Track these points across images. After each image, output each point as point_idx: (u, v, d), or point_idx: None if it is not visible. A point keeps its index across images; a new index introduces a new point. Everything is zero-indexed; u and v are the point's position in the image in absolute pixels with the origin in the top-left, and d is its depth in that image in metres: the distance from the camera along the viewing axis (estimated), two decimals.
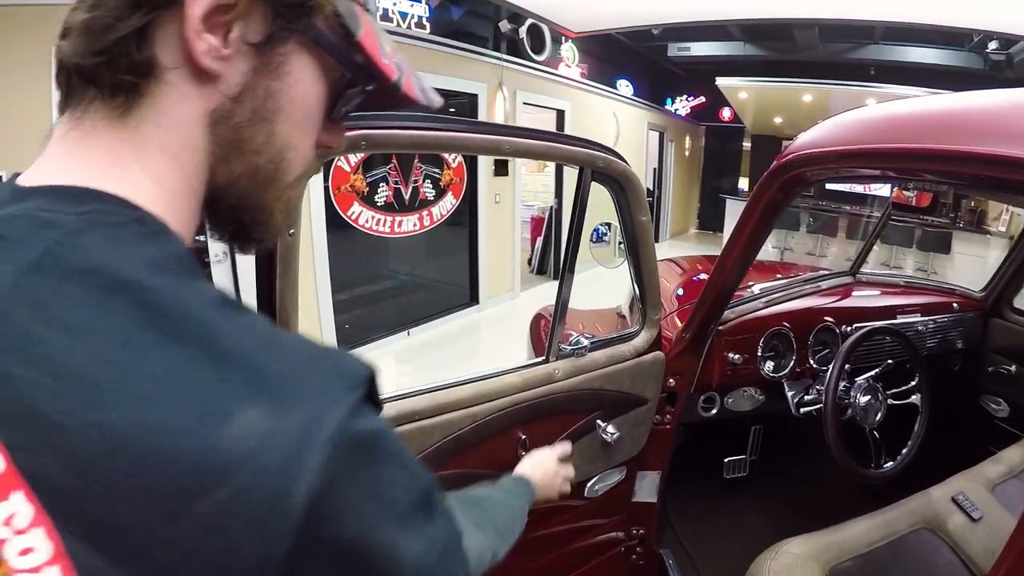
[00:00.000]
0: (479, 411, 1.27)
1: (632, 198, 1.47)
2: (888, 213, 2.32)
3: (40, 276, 0.32)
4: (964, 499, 1.68)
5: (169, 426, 0.30)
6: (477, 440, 1.28)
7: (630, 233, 1.52)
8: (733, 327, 1.84)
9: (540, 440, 1.40)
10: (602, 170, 1.40)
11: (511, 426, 1.37)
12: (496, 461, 1.30)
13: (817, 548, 1.48)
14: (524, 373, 1.40)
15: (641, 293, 1.59)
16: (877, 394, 1.77)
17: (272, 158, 0.44)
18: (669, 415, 1.77)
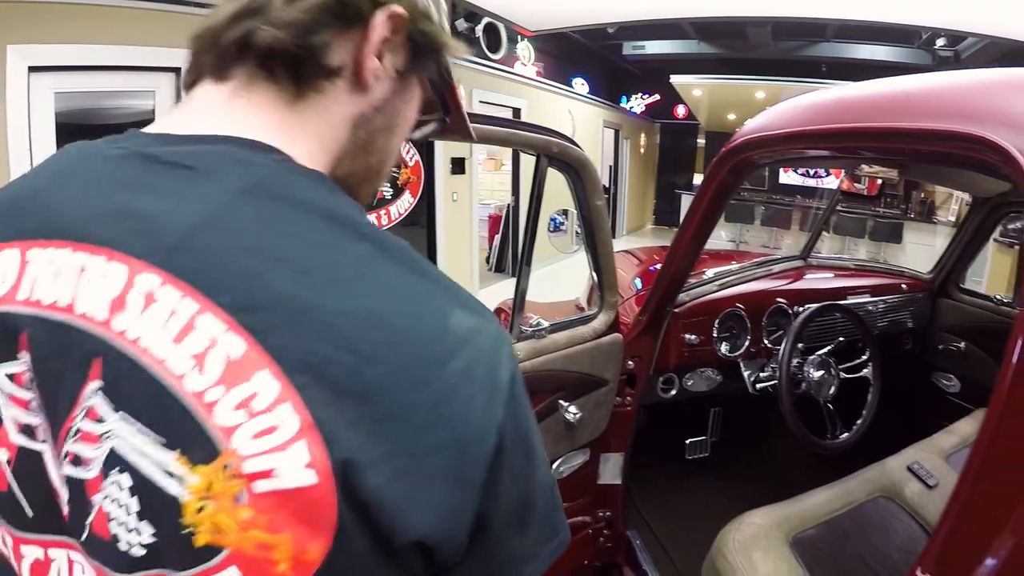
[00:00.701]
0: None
1: (588, 183, 1.48)
2: (837, 198, 2.38)
3: (257, 200, 0.38)
4: (920, 467, 1.72)
5: (411, 311, 0.38)
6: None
7: (586, 218, 1.52)
8: (688, 309, 1.87)
9: None
10: (557, 156, 1.41)
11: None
12: None
13: (779, 518, 1.49)
14: None
15: (598, 276, 1.59)
16: (830, 369, 1.80)
17: (381, 161, 0.52)
18: (629, 397, 1.78)
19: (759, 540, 1.42)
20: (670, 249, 1.62)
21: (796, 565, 1.38)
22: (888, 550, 1.49)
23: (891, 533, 1.55)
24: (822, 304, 1.84)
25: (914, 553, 1.49)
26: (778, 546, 1.42)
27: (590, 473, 1.77)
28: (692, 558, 1.66)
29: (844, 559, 1.45)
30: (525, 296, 1.48)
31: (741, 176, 1.42)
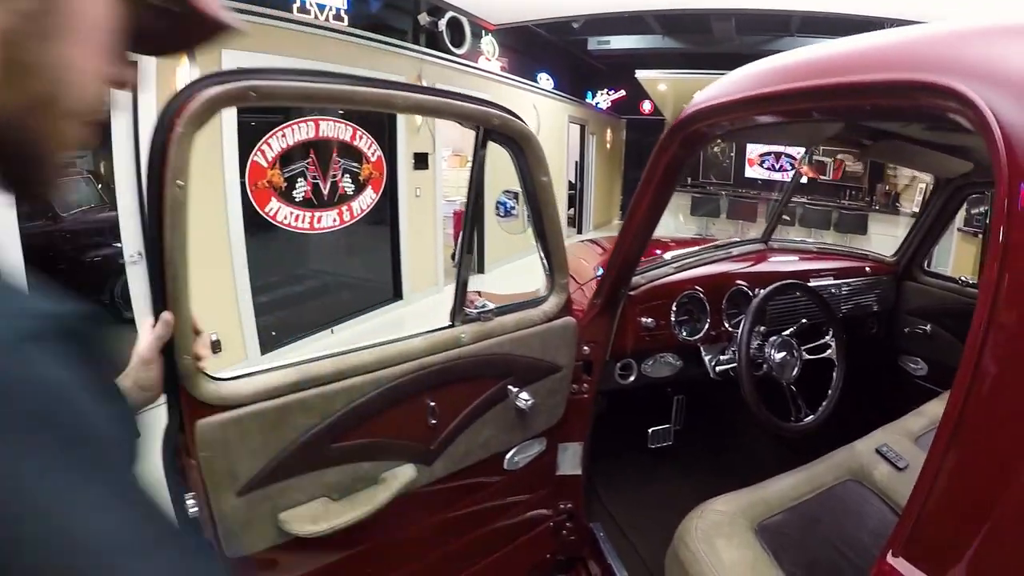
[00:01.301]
0: (383, 376, 1.21)
1: (532, 158, 1.39)
2: (797, 177, 2.31)
3: None
4: (889, 450, 1.66)
5: None
6: (383, 406, 1.21)
7: (532, 195, 1.43)
8: (645, 292, 1.79)
9: (450, 407, 1.33)
10: (498, 129, 1.31)
11: (419, 392, 1.28)
12: (405, 430, 1.26)
13: (744, 505, 1.41)
14: (429, 337, 1.31)
15: (547, 256, 1.50)
16: (792, 350, 1.74)
17: (52, 82, 0.37)
18: (587, 384, 1.70)
19: (722, 528, 1.34)
20: (622, 229, 1.55)
21: (762, 552, 1.30)
22: (858, 534, 1.42)
23: (861, 517, 1.49)
24: (782, 283, 1.77)
25: (885, 536, 1.42)
26: (742, 533, 1.34)
27: (548, 463, 1.70)
28: (657, 549, 1.58)
29: (812, 544, 1.38)
30: (467, 283, 1.38)
31: (693, 148, 1.35)
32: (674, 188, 1.46)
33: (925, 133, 1.74)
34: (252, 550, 1.10)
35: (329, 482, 1.16)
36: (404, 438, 1.27)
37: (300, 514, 1.12)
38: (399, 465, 1.28)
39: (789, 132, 1.84)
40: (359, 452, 1.19)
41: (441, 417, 1.32)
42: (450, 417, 1.35)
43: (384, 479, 1.25)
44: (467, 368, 1.35)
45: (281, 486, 1.09)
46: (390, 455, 1.26)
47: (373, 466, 1.23)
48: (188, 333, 0.96)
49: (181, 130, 0.89)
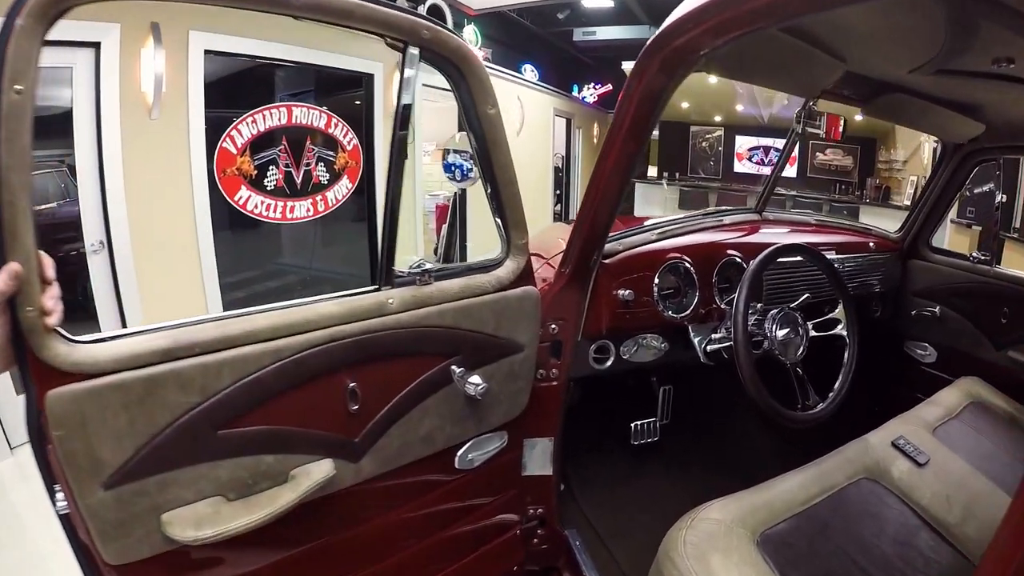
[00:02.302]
0: (284, 346, 0.97)
1: (474, 85, 1.14)
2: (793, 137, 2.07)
3: None
4: (906, 443, 1.45)
5: None
6: (286, 385, 0.98)
7: (477, 132, 1.17)
8: (621, 261, 1.55)
9: (376, 390, 1.09)
10: (429, 46, 1.07)
11: (333, 369, 1.04)
12: (317, 416, 1.03)
13: (743, 511, 1.17)
14: (346, 302, 1.06)
15: (499, 210, 1.25)
16: (796, 326, 1.50)
17: None
18: (555, 369, 1.46)
19: (717, 540, 1.10)
20: (590, 182, 1.30)
21: (767, 569, 1.07)
22: (878, 542, 1.20)
23: (880, 522, 1.26)
24: (784, 244, 1.52)
25: (908, 544, 1.21)
26: (742, 546, 1.10)
27: (512, 462, 1.46)
28: (640, 558, 1.38)
29: (826, 557, 1.15)
30: (395, 240, 1.13)
31: (674, 74, 1.11)
32: (651, 129, 1.22)
33: (933, 86, 1.54)
34: (131, 558, 0.88)
35: (222, 478, 0.95)
36: (317, 426, 1.03)
37: (183, 516, 0.91)
38: (314, 460, 1.04)
39: (786, 78, 1.60)
40: (258, 442, 0.97)
41: (365, 402, 1.08)
42: (377, 403, 1.10)
43: (294, 477, 1.02)
44: (397, 342, 1.11)
45: (160, 479, 0.89)
46: (301, 448, 1.02)
47: (278, 460, 1.00)
48: (32, 279, 0.76)
49: (22, 23, 0.72)
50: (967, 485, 1.38)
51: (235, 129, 4.15)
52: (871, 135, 8.97)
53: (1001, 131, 1.89)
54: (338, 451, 1.07)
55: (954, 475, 1.40)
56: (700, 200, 9.83)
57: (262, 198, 4.40)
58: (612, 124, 1.21)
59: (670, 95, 1.14)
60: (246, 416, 0.95)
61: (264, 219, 4.45)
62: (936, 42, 1.14)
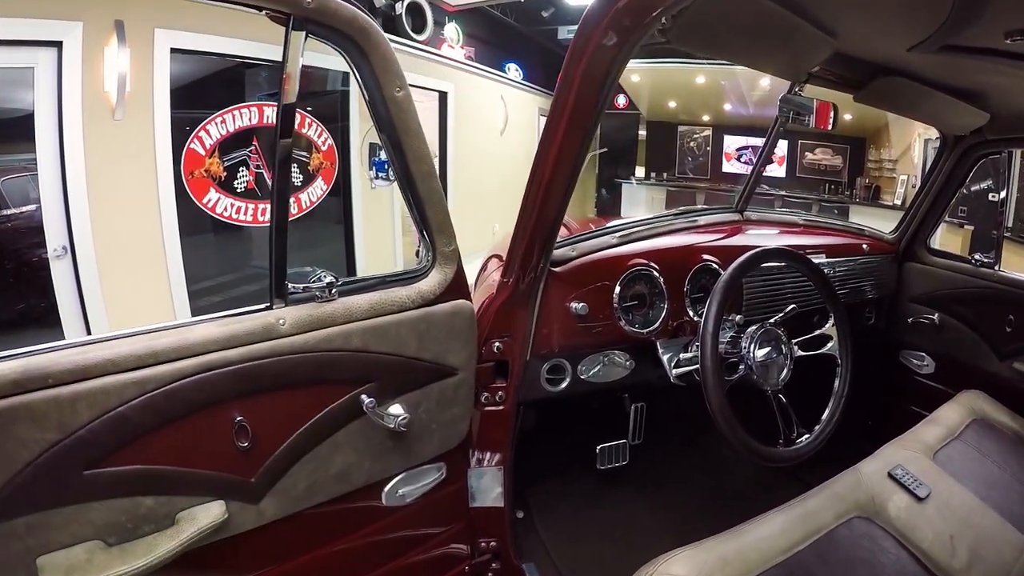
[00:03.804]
0: (150, 376, 0.85)
1: (378, 63, 0.97)
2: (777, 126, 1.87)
3: None
4: (904, 473, 1.28)
5: None
6: (158, 420, 0.87)
7: (384, 119, 1.00)
8: (575, 269, 1.37)
9: (271, 423, 0.95)
10: (317, 17, 0.89)
11: (214, 401, 0.90)
12: (200, 455, 0.90)
13: (711, 564, 0.98)
14: (228, 323, 0.90)
15: (418, 211, 1.07)
16: (779, 345, 1.30)
17: None
18: (502, 391, 1.28)
19: None
20: (530, 177, 1.11)
21: None
22: None
23: (876, 570, 1.08)
24: (764, 249, 1.33)
25: None
26: None
27: (455, 494, 1.30)
28: None
29: None
30: (285, 252, 0.96)
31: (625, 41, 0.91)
32: (599, 114, 1.02)
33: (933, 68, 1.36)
34: None
35: (97, 521, 0.85)
36: (203, 466, 0.90)
37: (57, 561, 0.82)
38: (204, 503, 0.90)
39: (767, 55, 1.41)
40: (132, 482, 0.86)
41: (259, 438, 0.93)
42: (274, 439, 0.95)
43: (179, 520, 0.89)
44: (292, 369, 0.94)
45: (28, 521, 0.80)
46: (186, 489, 0.90)
47: (161, 503, 0.88)
48: None
49: None
50: (973, 522, 1.21)
51: (203, 129, 4.03)
52: (861, 134, 8.86)
53: (1006, 121, 1.72)
54: (231, 492, 0.93)
55: (958, 510, 1.22)
56: (688, 200, 9.72)
57: (232, 200, 4.28)
58: (552, 108, 1.02)
59: (620, 70, 0.95)
60: (116, 454, 0.84)
61: (234, 222, 4.33)
62: (942, 10, 0.96)
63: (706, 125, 10.26)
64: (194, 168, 3.97)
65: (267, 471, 0.94)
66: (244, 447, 0.91)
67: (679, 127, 10.42)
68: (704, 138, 10.26)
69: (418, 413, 1.06)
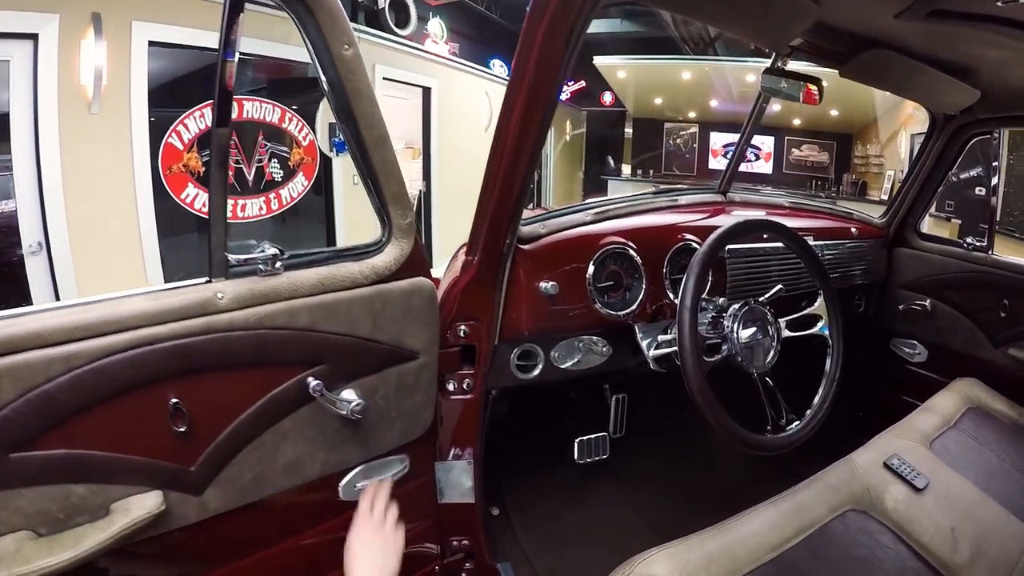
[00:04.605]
0: (78, 352, 0.77)
1: (324, 20, 0.88)
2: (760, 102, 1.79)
3: None
4: (900, 463, 1.20)
5: None
6: (87, 400, 0.79)
7: (334, 81, 0.91)
8: (545, 247, 1.28)
9: (210, 407, 0.87)
10: None
11: (146, 381, 0.82)
12: (135, 439, 0.83)
13: (695, 563, 0.90)
14: (161, 297, 0.82)
15: (371, 180, 0.98)
16: (765, 325, 1.21)
17: None
18: (469, 379, 1.19)
19: None
20: (492, 146, 1.04)
21: None
22: None
23: (872, 567, 1.01)
24: (745, 221, 1.24)
25: None
26: None
27: (421, 488, 1.21)
28: None
29: None
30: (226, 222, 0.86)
31: None
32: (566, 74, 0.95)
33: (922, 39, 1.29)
34: None
35: (26, 509, 0.79)
36: (136, 452, 0.83)
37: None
38: (140, 492, 0.83)
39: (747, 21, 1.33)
40: (61, 468, 0.79)
41: (197, 423, 0.85)
42: (214, 424, 0.87)
43: (113, 511, 0.82)
44: (231, 348, 0.85)
45: None
46: (121, 477, 0.82)
47: (93, 491, 0.81)
48: None
49: None
50: (974, 513, 1.13)
51: (181, 124, 3.92)
52: (848, 130, 8.88)
53: (998, 99, 1.65)
54: (170, 482, 0.85)
55: (959, 501, 1.15)
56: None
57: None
58: (514, 68, 0.95)
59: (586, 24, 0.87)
60: (43, 437, 0.78)
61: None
62: None
63: (692, 122, 10.24)
64: (172, 163, 3.89)
65: (208, 460, 0.86)
66: (181, 432, 0.83)
67: (665, 124, 10.39)
68: (691, 135, 10.24)
69: (375, 400, 0.97)
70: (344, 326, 0.92)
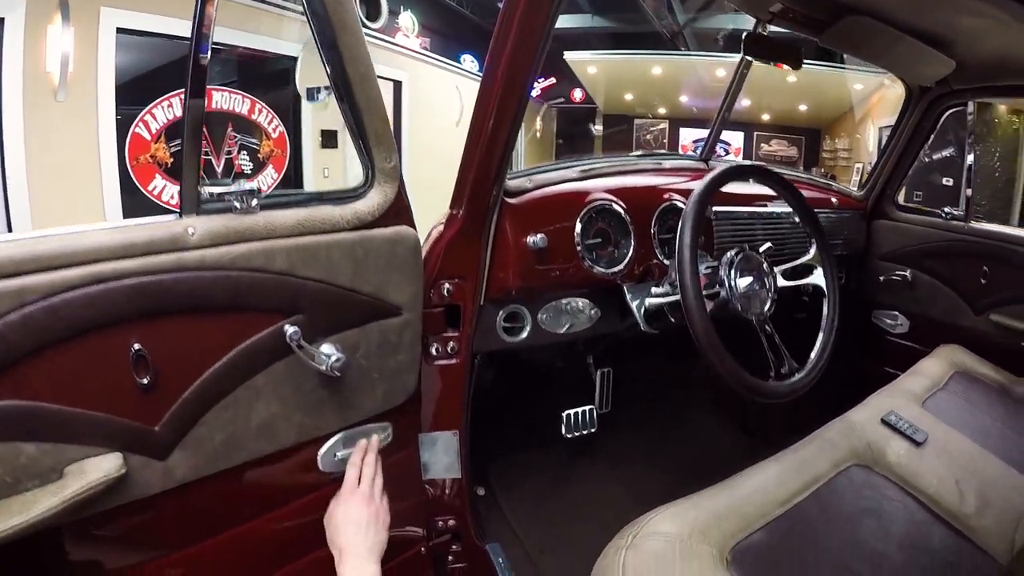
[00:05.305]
0: (31, 285, 0.68)
1: None
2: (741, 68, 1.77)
3: None
4: (898, 419, 1.18)
5: None
6: (40, 342, 0.70)
7: (318, 13, 0.84)
8: (532, 201, 1.23)
9: (177, 356, 0.78)
10: None
11: (106, 322, 0.73)
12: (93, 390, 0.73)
13: (704, 520, 0.85)
14: (127, 229, 0.74)
15: (355, 120, 0.91)
16: (761, 275, 1.18)
17: None
18: (454, 342, 1.13)
19: (671, 563, 0.79)
20: (480, 92, 0.99)
21: None
22: (884, 547, 0.91)
23: (882, 519, 0.98)
24: (741, 164, 1.21)
25: (921, 547, 0.93)
26: (707, 569, 0.78)
27: (404, 462, 1.14)
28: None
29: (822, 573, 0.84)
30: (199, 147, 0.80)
31: None
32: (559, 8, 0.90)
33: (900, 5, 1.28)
34: None
35: None
36: (93, 407, 0.73)
37: None
38: (99, 454, 0.73)
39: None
40: (9, 423, 0.69)
41: (162, 375, 0.76)
42: (181, 376, 0.78)
43: (67, 475, 0.72)
44: (201, 289, 0.78)
45: None
46: (76, 436, 0.73)
47: (43, 452, 0.71)
48: None
49: None
50: (975, 467, 1.11)
51: (149, 113, 3.84)
52: (816, 125, 9.03)
53: (972, 70, 1.65)
54: (132, 443, 0.76)
55: (958, 456, 1.13)
56: None
57: (179, 187, 4.16)
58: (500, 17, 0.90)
59: None
60: None
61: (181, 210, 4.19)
62: None
63: (663, 118, 10.31)
64: (139, 153, 3.81)
65: (175, 418, 0.78)
66: (145, 385, 0.74)
67: (635, 120, 10.45)
68: (660, 131, 10.31)
69: (356, 358, 0.90)
70: (324, 272, 0.86)
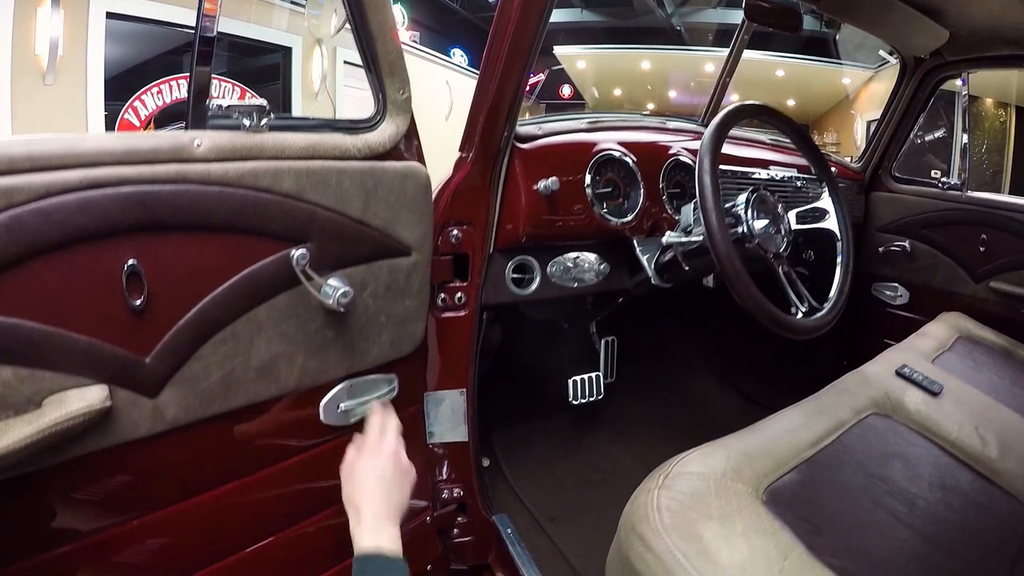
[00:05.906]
0: (19, 186, 0.60)
1: None
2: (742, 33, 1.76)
3: None
4: (912, 371, 1.17)
5: None
6: (27, 249, 0.62)
7: None
8: (542, 148, 1.19)
9: (173, 278, 0.71)
10: None
11: (104, 233, 0.66)
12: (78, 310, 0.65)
13: (736, 460, 0.83)
14: (129, 139, 0.68)
15: (367, 48, 0.87)
16: (776, 218, 1.15)
17: None
18: (461, 293, 1.09)
19: (707, 501, 0.75)
20: (493, 28, 0.95)
21: (788, 538, 0.73)
22: (916, 489, 0.89)
23: (911, 464, 0.96)
24: (748, 103, 1.19)
25: (950, 489, 0.92)
26: (745, 507, 0.76)
27: (410, 421, 1.06)
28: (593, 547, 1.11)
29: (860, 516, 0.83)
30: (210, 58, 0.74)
31: None
32: None
33: None
34: None
35: None
36: (79, 329, 0.65)
37: None
38: (84, 384, 0.66)
39: None
40: None
41: (157, 298, 0.69)
42: (178, 301, 0.71)
43: (46, 406, 0.64)
44: (205, 205, 0.72)
45: None
46: (57, 362, 0.64)
47: (20, 377, 0.62)
48: None
49: None
50: (992, 416, 1.11)
51: (138, 99, 3.89)
52: (804, 120, 9.08)
53: (965, 41, 1.66)
54: (119, 375, 0.68)
55: (974, 405, 1.12)
56: None
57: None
58: None
59: None
60: None
61: None
62: None
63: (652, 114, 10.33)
64: None
65: (168, 349, 0.71)
66: (137, 308, 0.68)
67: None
68: None
69: (363, 297, 0.86)
70: (333, 200, 0.81)
